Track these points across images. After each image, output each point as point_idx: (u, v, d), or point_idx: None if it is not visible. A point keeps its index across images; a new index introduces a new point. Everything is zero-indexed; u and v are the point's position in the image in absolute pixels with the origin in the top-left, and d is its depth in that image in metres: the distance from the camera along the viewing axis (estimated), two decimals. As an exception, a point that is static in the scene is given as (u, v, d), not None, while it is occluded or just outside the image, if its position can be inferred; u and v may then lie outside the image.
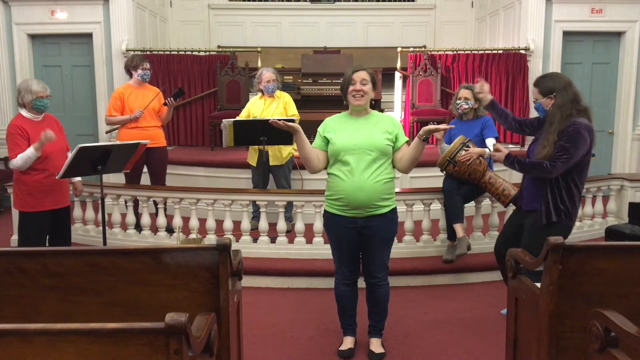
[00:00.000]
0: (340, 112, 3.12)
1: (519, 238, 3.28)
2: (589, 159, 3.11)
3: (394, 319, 3.42)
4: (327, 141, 3.00)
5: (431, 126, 2.85)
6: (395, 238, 4.12)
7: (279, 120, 2.94)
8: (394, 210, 3.02)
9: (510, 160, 3.20)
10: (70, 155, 3.64)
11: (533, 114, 3.46)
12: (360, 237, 2.99)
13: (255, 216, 5.06)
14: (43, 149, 3.67)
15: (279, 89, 5.11)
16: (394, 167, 3.02)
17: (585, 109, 3.11)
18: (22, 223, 3.86)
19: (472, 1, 8.74)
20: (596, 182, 5.03)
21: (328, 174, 3.03)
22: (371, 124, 2.98)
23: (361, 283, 3.16)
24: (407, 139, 3.03)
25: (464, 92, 4.30)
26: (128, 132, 4.89)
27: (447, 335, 3.43)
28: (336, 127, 3.00)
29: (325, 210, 3.07)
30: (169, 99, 4.94)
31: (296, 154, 5.16)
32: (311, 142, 3.04)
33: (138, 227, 4.88)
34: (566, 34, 6.65)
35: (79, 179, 4.20)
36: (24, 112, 3.80)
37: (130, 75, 5.07)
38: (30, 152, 3.64)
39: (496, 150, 3.28)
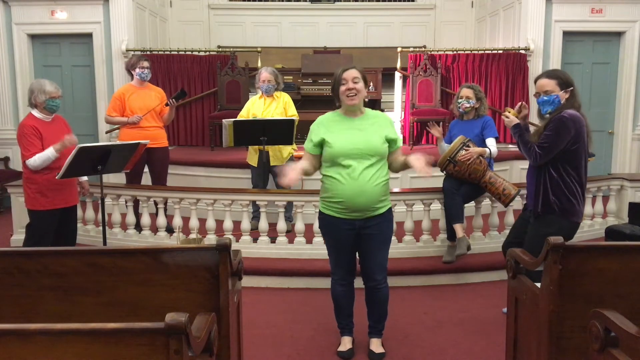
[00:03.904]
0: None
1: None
2: (580, 149, 3.02)
3: (393, 319, 3.42)
4: (320, 145, 2.94)
5: (423, 165, 2.78)
6: (395, 238, 4.15)
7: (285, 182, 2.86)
8: (390, 210, 3.02)
9: (517, 130, 3.19)
10: (70, 155, 3.63)
11: (533, 114, 3.44)
12: (358, 238, 2.97)
13: (255, 216, 5.06)
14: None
15: (278, 89, 5.09)
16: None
17: (580, 105, 3.12)
18: (32, 221, 3.88)
19: (472, 1, 8.74)
20: (596, 182, 5.03)
21: (323, 175, 2.97)
22: (368, 125, 2.93)
23: (359, 283, 3.15)
24: (400, 140, 3.02)
25: (465, 91, 4.30)
26: (129, 132, 4.89)
27: (447, 335, 3.43)
28: (331, 128, 2.94)
29: (320, 211, 3.02)
30: (170, 99, 4.94)
31: (296, 154, 5.17)
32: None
33: (138, 227, 4.88)
34: (566, 34, 6.65)
35: (85, 178, 4.19)
36: (35, 113, 3.80)
37: (132, 76, 5.08)
38: (50, 152, 3.68)
39: (506, 116, 3.24)
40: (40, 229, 3.84)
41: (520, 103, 3.34)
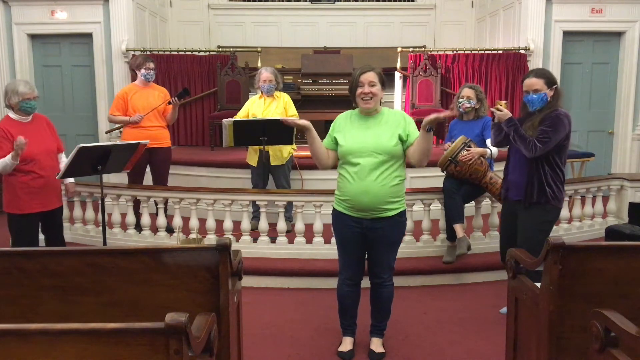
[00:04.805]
0: (347, 110, 3.09)
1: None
2: (567, 145, 3.32)
3: (394, 319, 3.41)
4: (336, 141, 2.98)
5: (432, 116, 2.76)
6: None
7: (289, 119, 2.96)
8: (402, 213, 2.99)
9: (511, 124, 3.29)
10: (70, 155, 3.62)
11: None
12: (366, 238, 2.97)
13: (255, 216, 5.06)
14: (29, 150, 3.56)
15: (278, 89, 5.09)
16: (408, 163, 2.97)
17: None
18: (10, 225, 3.78)
19: (472, 1, 8.74)
20: (596, 182, 5.03)
21: (338, 173, 3.02)
22: (380, 123, 2.93)
23: (364, 283, 3.16)
24: (415, 135, 2.95)
25: (466, 91, 4.29)
26: (132, 132, 4.89)
27: (447, 335, 3.43)
28: (345, 127, 2.98)
29: (333, 207, 3.06)
30: (173, 98, 4.93)
31: (296, 154, 5.17)
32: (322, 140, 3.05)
33: (138, 227, 4.87)
34: (566, 34, 6.65)
35: (71, 180, 4.14)
36: (11, 114, 3.74)
37: (135, 75, 5.08)
38: (7, 159, 3.53)
39: (498, 109, 3.33)
40: (19, 232, 3.74)
41: (504, 102, 3.47)
